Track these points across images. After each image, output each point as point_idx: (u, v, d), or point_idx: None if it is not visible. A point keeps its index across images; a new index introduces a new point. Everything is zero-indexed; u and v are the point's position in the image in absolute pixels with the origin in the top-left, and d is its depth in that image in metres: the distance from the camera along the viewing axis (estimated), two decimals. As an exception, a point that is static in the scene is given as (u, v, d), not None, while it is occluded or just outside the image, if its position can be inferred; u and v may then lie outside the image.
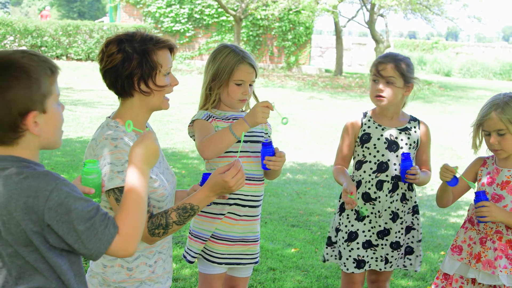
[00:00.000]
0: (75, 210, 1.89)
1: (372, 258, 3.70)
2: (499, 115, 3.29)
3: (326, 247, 3.88)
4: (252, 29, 27.11)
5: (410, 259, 3.77)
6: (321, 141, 11.84)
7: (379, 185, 3.66)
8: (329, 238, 3.86)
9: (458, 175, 3.37)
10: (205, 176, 2.94)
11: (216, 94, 3.36)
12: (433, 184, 8.96)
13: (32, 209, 1.86)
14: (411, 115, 3.81)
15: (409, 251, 3.77)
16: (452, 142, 12.36)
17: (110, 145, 2.44)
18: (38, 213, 1.87)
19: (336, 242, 3.82)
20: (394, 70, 3.60)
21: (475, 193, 3.31)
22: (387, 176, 3.66)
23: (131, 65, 2.51)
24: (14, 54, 1.95)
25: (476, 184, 3.51)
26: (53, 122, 2.00)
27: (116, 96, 2.66)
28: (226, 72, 3.29)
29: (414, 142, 3.72)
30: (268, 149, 3.19)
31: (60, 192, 1.88)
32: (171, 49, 2.63)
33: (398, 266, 3.77)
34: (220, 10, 25.86)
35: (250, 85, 3.37)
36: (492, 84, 27.79)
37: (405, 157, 3.56)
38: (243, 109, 3.49)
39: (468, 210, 3.58)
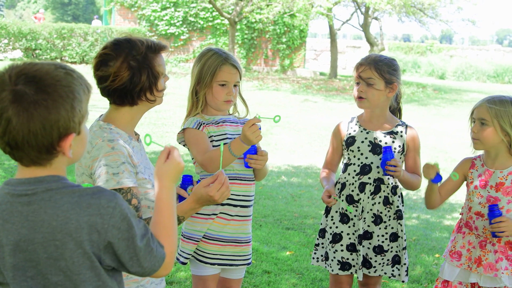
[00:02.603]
0: (135, 226, 1.83)
1: (357, 263, 3.70)
2: (488, 106, 3.35)
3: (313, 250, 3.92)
4: (247, 32, 27.12)
5: (399, 269, 3.73)
6: (315, 144, 11.85)
7: (362, 187, 3.68)
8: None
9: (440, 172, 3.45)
10: (185, 178, 2.95)
11: (203, 97, 3.38)
12: (428, 187, 8.98)
13: (94, 228, 1.77)
14: (401, 120, 3.80)
15: (398, 260, 3.74)
16: (446, 145, 12.39)
17: (107, 146, 2.45)
18: (101, 232, 1.78)
19: (318, 245, 3.86)
20: (373, 71, 3.60)
21: (489, 207, 3.31)
22: (369, 178, 3.67)
23: (141, 80, 2.52)
24: (57, 70, 1.80)
25: (469, 186, 3.51)
26: (83, 143, 1.91)
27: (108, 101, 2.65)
28: (209, 73, 3.33)
29: (400, 146, 3.69)
30: (250, 147, 3.20)
31: (122, 208, 1.81)
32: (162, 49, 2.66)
33: (385, 273, 3.73)
34: (215, 13, 25.85)
35: (235, 85, 3.40)
36: (486, 87, 27.86)
37: (386, 149, 3.55)
38: (230, 112, 3.52)
39: (462, 214, 3.57)
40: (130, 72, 2.50)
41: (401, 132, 3.71)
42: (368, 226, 3.69)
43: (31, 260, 1.80)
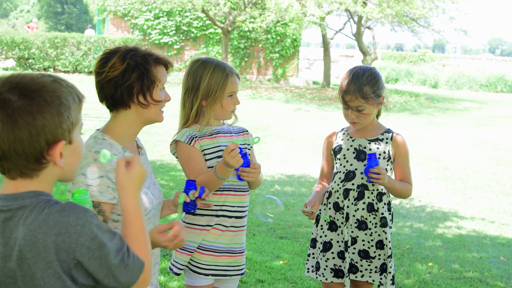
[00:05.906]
0: (108, 242, 1.76)
1: (345, 273, 3.69)
2: None
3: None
4: (240, 41, 27.16)
5: (386, 277, 3.72)
6: (308, 153, 11.87)
7: (346, 193, 3.70)
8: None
9: None
10: (188, 183, 2.93)
11: (200, 108, 3.38)
12: (421, 196, 9.00)
13: (62, 247, 1.70)
14: (388, 128, 3.81)
15: (385, 268, 3.73)
16: (439, 154, 12.42)
17: (91, 157, 2.47)
18: (69, 251, 1.71)
19: (310, 255, 3.87)
20: (360, 100, 3.60)
21: None
22: (353, 184, 3.69)
23: (131, 77, 2.55)
24: (43, 77, 1.78)
25: None
26: (77, 154, 1.86)
27: (107, 110, 2.67)
28: (219, 88, 3.32)
29: (385, 152, 3.70)
30: (244, 160, 3.21)
31: (92, 226, 1.73)
32: (167, 66, 2.69)
33: (374, 281, 3.73)
34: (208, 22, 25.89)
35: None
36: (479, 96, 27.98)
37: (370, 156, 3.56)
38: (231, 121, 3.51)
39: None
40: (124, 67, 2.54)
41: (387, 139, 3.73)
42: (352, 232, 3.69)
43: (10, 277, 1.76)
